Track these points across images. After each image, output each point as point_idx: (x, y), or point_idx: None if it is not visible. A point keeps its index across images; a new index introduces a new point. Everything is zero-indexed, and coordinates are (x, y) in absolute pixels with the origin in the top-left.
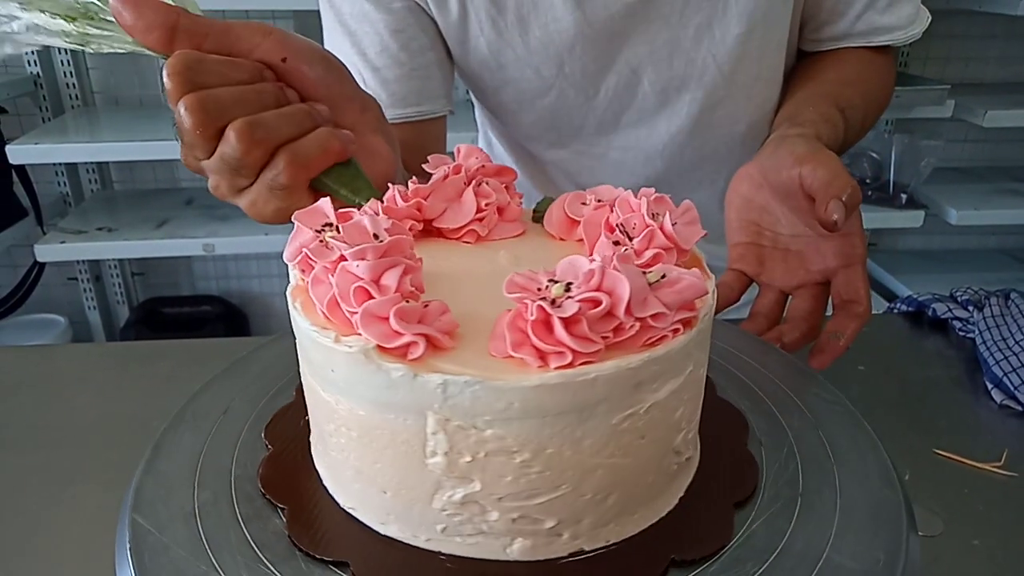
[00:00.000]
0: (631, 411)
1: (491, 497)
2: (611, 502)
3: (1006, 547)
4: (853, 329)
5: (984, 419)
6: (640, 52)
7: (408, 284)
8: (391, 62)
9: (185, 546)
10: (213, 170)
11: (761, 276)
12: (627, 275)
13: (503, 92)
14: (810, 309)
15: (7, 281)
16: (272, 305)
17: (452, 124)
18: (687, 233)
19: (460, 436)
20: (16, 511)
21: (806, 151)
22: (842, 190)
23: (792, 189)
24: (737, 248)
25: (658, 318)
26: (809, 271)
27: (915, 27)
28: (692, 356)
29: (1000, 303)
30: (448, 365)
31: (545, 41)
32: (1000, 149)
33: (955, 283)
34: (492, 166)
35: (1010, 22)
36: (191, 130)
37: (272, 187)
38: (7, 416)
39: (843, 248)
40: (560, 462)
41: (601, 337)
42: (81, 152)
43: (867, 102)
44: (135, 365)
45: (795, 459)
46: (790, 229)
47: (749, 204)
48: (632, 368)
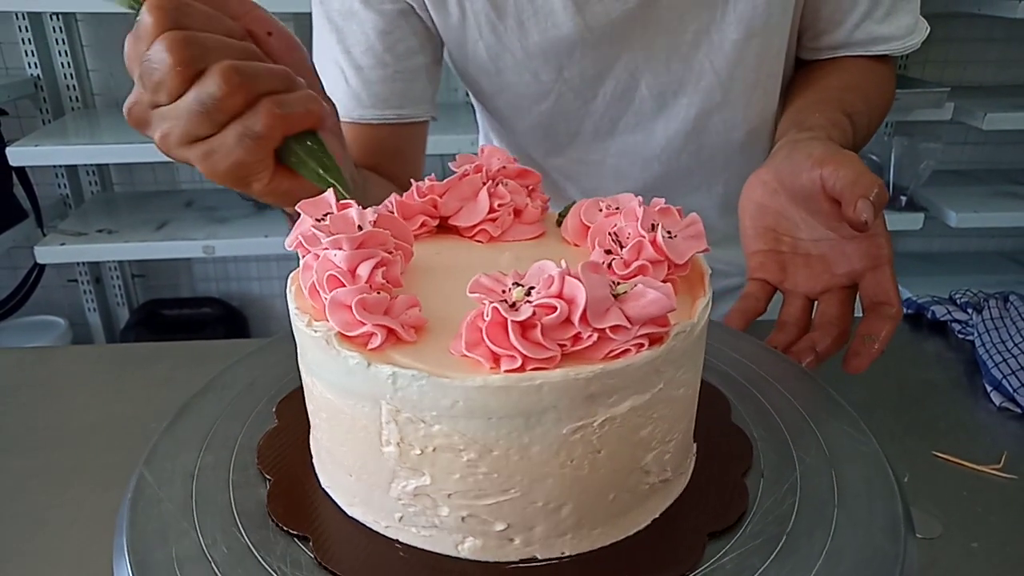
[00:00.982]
0: (583, 423)
1: (441, 492)
2: (565, 514)
3: (1005, 549)
4: (887, 331)
5: (983, 421)
6: (638, 57)
7: (380, 276)
8: (375, 62)
9: (176, 502)
10: (172, 115)
11: (785, 283)
12: (588, 284)
13: (501, 96)
14: (839, 314)
15: (7, 283)
16: (272, 307)
17: (452, 127)
18: (683, 247)
19: (410, 428)
20: (15, 512)
21: (824, 152)
22: (868, 189)
23: (812, 192)
24: (756, 256)
25: (618, 331)
26: (834, 275)
27: (913, 37)
28: (662, 374)
29: (999, 305)
30: (402, 358)
31: (544, 46)
32: (999, 152)
33: (954, 285)
34: (514, 168)
35: (1009, 25)
36: (170, 67)
37: (244, 135)
38: (7, 417)
39: (869, 249)
40: (508, 465)
41: (558, 345)
42: (81, 154)
43: (870, 108)
44: (135, 367)
45: (794, 496)
46: (810, 233)
47: (764, 210)
48: (583, 379)
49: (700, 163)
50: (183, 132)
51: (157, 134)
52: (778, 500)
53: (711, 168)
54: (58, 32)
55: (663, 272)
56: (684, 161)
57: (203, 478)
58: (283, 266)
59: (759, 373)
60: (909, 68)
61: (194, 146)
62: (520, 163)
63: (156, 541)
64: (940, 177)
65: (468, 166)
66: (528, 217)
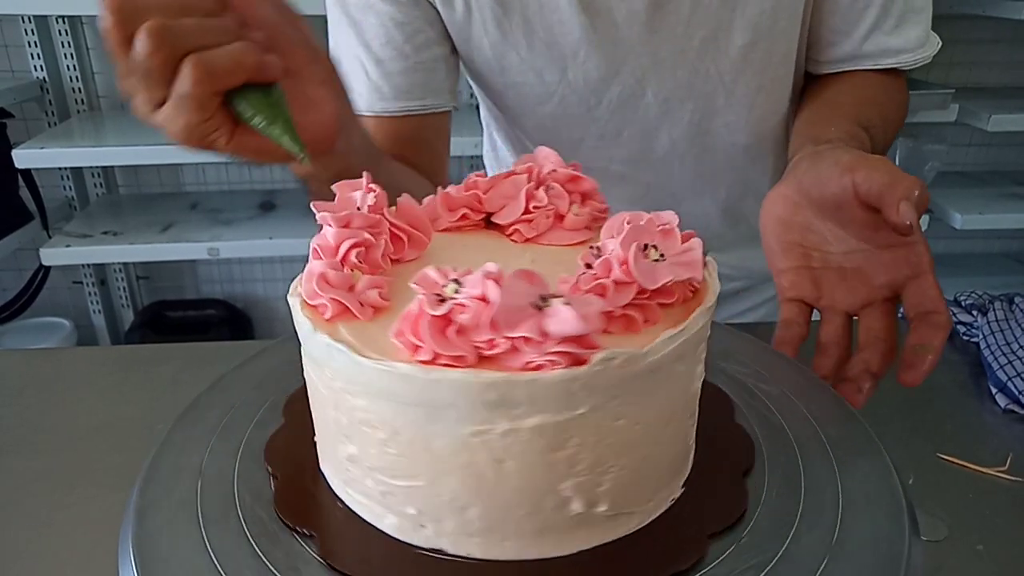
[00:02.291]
0: (484, 428)
1: (364, 464)
2: (472, 515)
3: (1010, 552)
4: (940, 339)
5: (988, 423)
6: (644, 62)
7: (355, 256)
8: (395, 54)
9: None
10: (130, 83)
11: (821, 301)
12: (507, 291)
13: (506, 96)
14: (884, 327)
15: (13, 285)
16: (276, 308)
17: (457, 127)
18: (661, 272)
19: (340, 398)
20: (21, 514)
21: (852, 159)
22: (909, 191)
23: (843, 201)
24: (787, 275)
25: (529, 343)
26: (873, 287)
27: (924, 51)
28: (580, 398)
29: (1004, 307)
30: (343, 332)
31: (549, 44)
32: (1004, 153)
33: (959, 287)
34: (565, 173)
35: (1015, 27)
36: (107, 30)
37: (179, 95)
38: (12, 419)
39: (908, 257)
40: (413, 452)
41: (474, 346)
42: (86, 156)
43: (885, 123)
44: (139, 368)
45: (797, 498)
46: (841, 246)
47: (788, 226)
48: (481, 384)
49: (704, 168)
50: (142, 98)
51: (134, 105)
52: (781, 502)
53: (714, 173)
54: (64, 35)
55: (628, 294)
56: (688, 166)
57: (208, 479)
58: (288, 268)
59: (762, 374)
60: (913, 70)
61: (157, 113)
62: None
63: (161, 542)
64: (945, 179)
65: (523, 166)
66: (570, 223)
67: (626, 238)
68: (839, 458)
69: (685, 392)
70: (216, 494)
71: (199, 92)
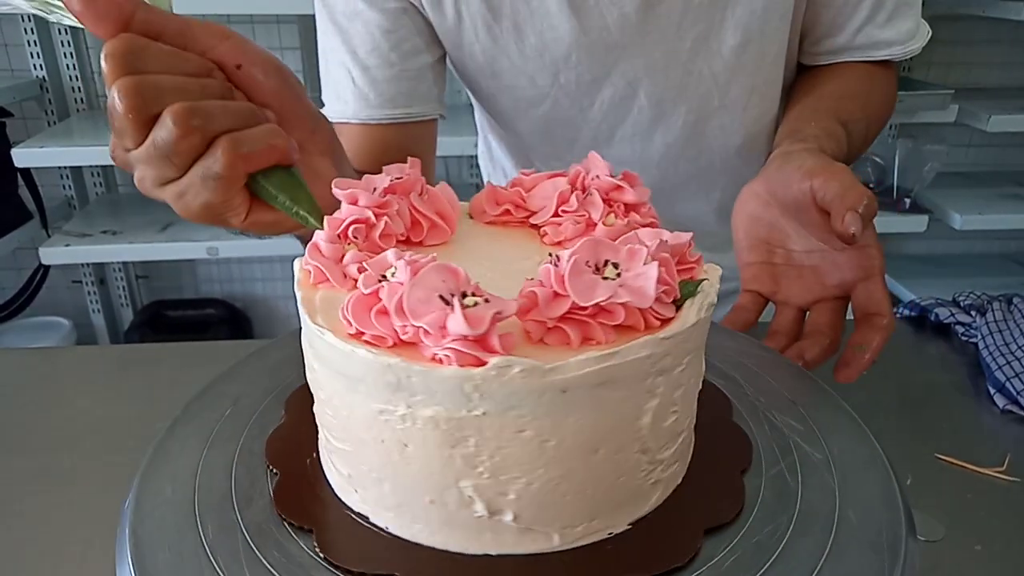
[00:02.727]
0: (386, 407)
1: (320, 421)
2: (386, 490)
3: (1008, 552)
4: (879, 341)
5: (986, 424)
6: (636, 65)
7: (352, 233)
8: (381, 62)
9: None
10: (141, 159)
11: (777, 295)
12: (421, 283)
13: (498, 99)
14: (829, 323)
15: (12, 284)
16: (276, 308)
17: (454, 128)
18: (600, 289)
19: (308, 355)
20: (19, 512)
21: (815, 164)
22: (857, 201)
23: (803, 204)
24: (750, 268)
25: (429, 335)
26: (826, 286)
27: (915, 42)
28: (477, 401)
29: (1003, 308)
30: (315, 297)
31: (540, 48)
32: (1004, 154)
33: (958, 288)
34: (607, 181)
35: (1014, 27)
36: (123, 114)
37: (206, 176)
38: (10, 418)
39: (860, 261)
40: (340, 417)
41: (394, 330)
42: (86, 155)
43: (868, 116)
44: (138, 368)
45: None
46: (802, 245)
47: (757, 222)
48: (379, 364)
49: (698, 169)
50: (152, 176)
51: (136, 177)
52: (777, 502)
53: (709, 174)
54: (63, 34)
55: (561, 307)
56: (682, 168)
57: (205, 478)
58: (287, 268)
59: (758, 374)
60: (913, 70)
61: (166, 188)
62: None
63: (158, 541)
64: (944, 179)
65: (575, 170)
66: (601, 232)
67: (579, 250)
68: (836, 458)
69: (626, 423)
70: (213, 493)
71: (231, 174)
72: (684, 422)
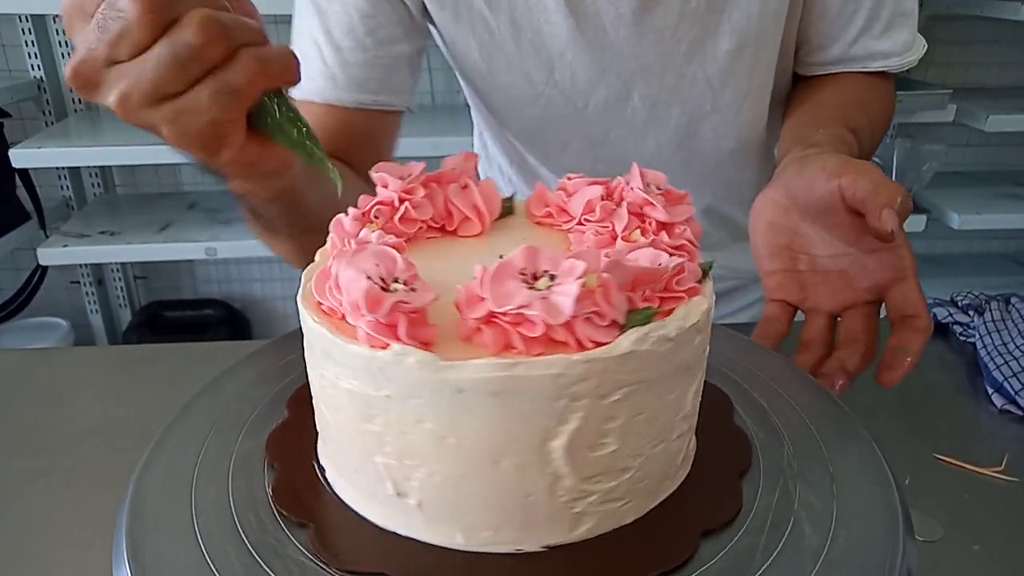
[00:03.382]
0: (319, 372)
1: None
2: (329, 449)
3: (1006, 552)
4: (919, 343)
5: (985, 424)
6: (631, 66)
7: (374, 213)
8: (355, 45)
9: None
10: (135, 72)
11: (805, 303)
12: (356, 262)
13: (493, 96)
14: (864, 329)
15: (10, 284)
16: (274, 308)
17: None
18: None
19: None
20: (17, 513)
21: (838, 164)
22: (892, 198)
23: (830, 205)
24: (774, 277)
25: (349, 311)
26: (856, 290)
27: (911, 54)
28: (382, 382)
29: (1001, 308)
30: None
31: (536, 44)
32: (1002, 153)
33: (957, 287)
34: (639, 196)
35: (1012, 27)
36: (139, 13)
37: (220, 90)
38: (9, 418)
39: (892, 262)
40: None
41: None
42: (84, 156)
43: (872, 124)
44: (137, 368)
45: (792, 498)
46: (827, 249)
47: (777, 229)
48: (311, 331)
49: (690, 172)
50: (149, 89)
51: (114, 95)
52: (776, 502)
53: (701, 176)
54: (61, 34)
55: (479, 309)
56: (674, 170)
57: (203, 479)
58: (286, 268)
59: (757, 375)
60: (912, 70)
61: (161, 106)
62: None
63: (156, 543)
64: (943, 179)
65: (618, 179)
66: (620, 247)
67: (516, 256)
68: (834, 458)
69: (530, 441)
70: (211, 494)
71: (249, 88)
72: (633, 460)
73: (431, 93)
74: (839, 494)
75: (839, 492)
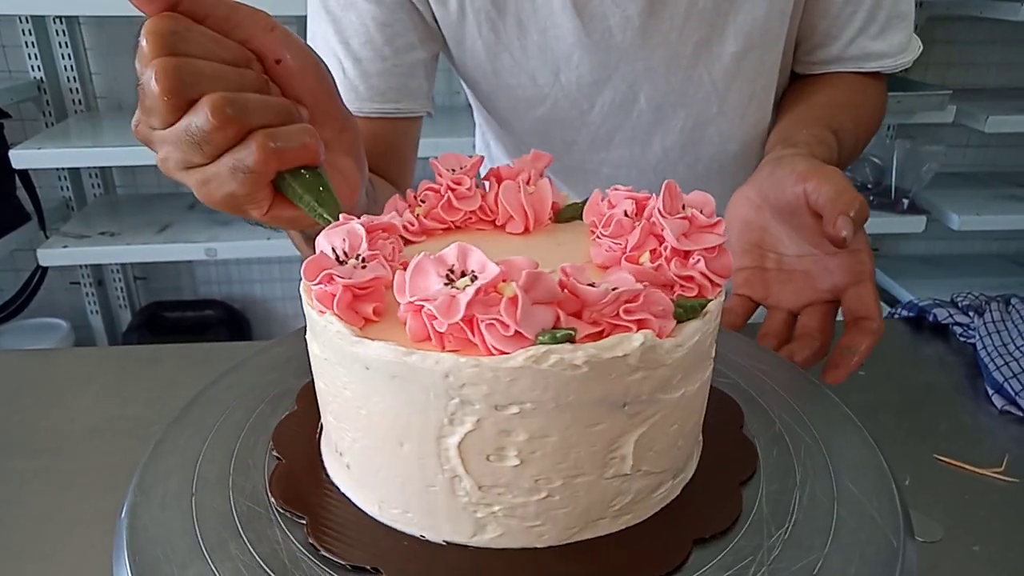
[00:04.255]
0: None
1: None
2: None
3: (1006, 553)
4: (867, 345)
5: (985, 424)
6: (637, 68)
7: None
8: (374, 55)
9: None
10: (169, 141)
11: (768, 299)
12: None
13: (498, 98)
14: (820, 327)
15: (10, 285)
16: (274, 309)
17: (454, 128)
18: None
19: None
20: (17, 513)
21: (807, 168)
22: (850, 205)
23: (796, 207)
24: (742, 273)
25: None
26: (817, 290)
27: (906, 55)
28: (319, 344)
29: (1001, 308)
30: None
31: (542, 46)
32: (1002, 154)
33: (956, 288)
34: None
35: (1012, 28)
36: (159, 95)
37: (235, 169)
38: (9, 419)
39: (851, 265)
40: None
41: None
42: (84, 157)
43: (858, 126)
44: (137, 369)
45: (793, 498)
46: (794, 249)
47: (749, 226)
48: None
49: (695, 175)
50: (178, 159)
51: (158, 156)
52: (775, 502)
53: (706, 179)
54: (61, 35)
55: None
56: (679, 173)
57: (203, 479)
58: (286, 269)
59: (757, 376)
60: (911, 71)
61: (191, 172)
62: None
63: (156, 543)
64: (942, 180)
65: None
66: (626, 267)
67: (448, 251)
68: (834, 459)
69: (425, 432)
70: (211, 494)
71: (262, 170)
72: (546, 484)
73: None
74: (839, 495)
75: (839, 493)
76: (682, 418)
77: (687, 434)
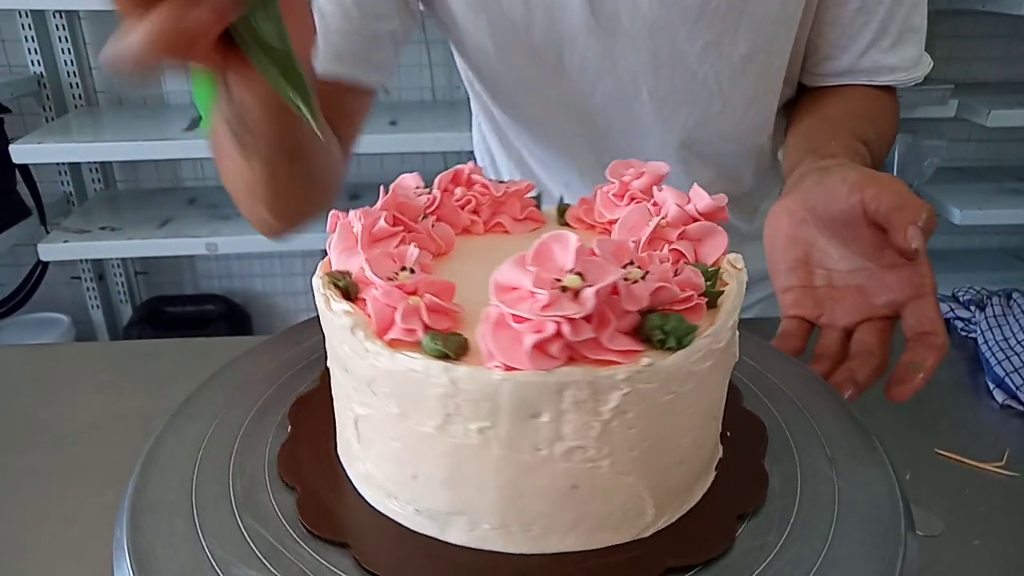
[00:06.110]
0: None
1: None
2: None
3: (1007, 547)
4: (933, 360)
5: (986, 419)
6: (643, 60)
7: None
8: (339, 12)
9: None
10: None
11: (821, 318)
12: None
13: (500, 79)
14: (878, 343)
15: (11, 280)
16: (275, 304)
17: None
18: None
19: None
20: (17, 508)
21: (860, 177)
22: (917, 215)
23: (851, 218)
24: (791, 293)
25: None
26: (873, 305)
27: (918, 70)
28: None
29: (1002, 303)
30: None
31: (548, 24)
32: (1003, 149)
33: (958, 283)
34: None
35: (1014, 22)
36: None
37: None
38: (10, 414)
39: (912, 278)
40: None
41: None
42: (84, 152)
43: (879, 137)
44: (138, 364)
45: (793, 495)
46: (844, 264)
47: (794, 242)
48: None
49: (688, 173)
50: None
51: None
52: (778, 499)
53: (700, 179)
54: (61, 30)
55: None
56: (674, 172)
57: (204, 474)
58: (286, 263)
59: (758, 371)
60: None
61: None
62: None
63: (156, 538)
64: (944, 174)
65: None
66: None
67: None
68: (835, 454)
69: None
70: (211, 490)
71: None
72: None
73: (432, 89)
74: (840, 489)
75: (840, 487)
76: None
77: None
